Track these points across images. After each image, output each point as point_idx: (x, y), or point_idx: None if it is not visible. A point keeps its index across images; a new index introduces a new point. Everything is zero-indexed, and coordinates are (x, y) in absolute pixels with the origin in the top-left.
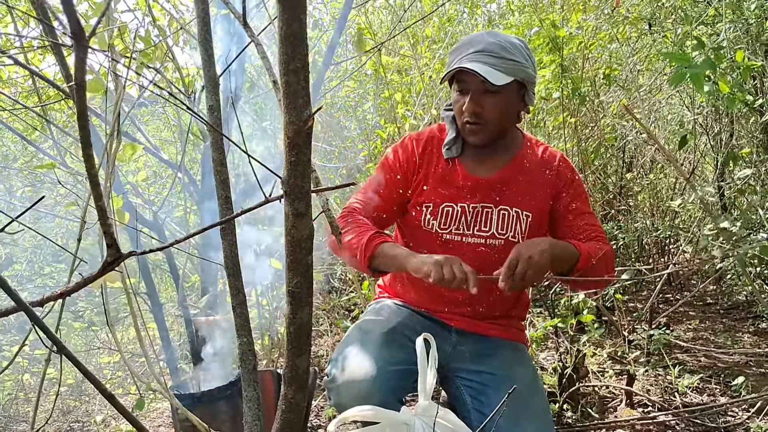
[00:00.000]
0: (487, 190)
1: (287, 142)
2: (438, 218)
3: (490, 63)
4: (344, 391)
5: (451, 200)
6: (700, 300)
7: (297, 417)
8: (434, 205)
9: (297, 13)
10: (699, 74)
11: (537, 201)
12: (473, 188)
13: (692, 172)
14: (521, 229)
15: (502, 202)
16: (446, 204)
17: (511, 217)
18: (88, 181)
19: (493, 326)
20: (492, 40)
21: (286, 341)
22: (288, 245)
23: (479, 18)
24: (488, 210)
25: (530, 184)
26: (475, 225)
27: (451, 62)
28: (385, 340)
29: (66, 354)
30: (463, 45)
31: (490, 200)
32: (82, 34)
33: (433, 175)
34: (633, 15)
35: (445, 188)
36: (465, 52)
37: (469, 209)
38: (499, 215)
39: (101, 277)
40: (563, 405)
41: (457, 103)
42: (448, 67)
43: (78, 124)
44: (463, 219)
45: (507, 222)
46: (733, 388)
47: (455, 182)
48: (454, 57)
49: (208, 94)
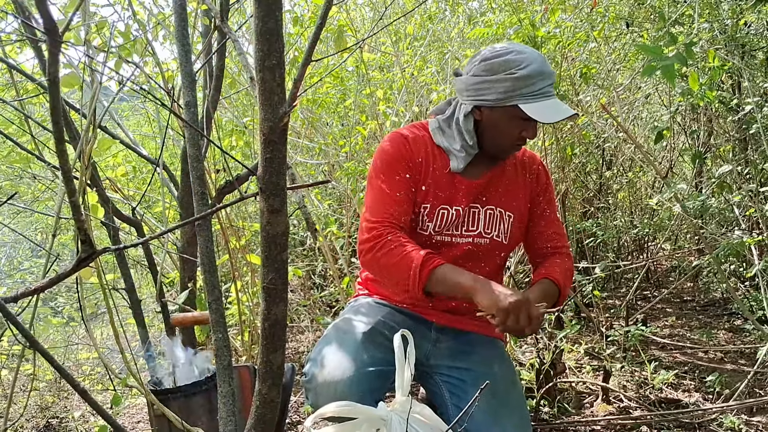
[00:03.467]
0: (476, 193)
1: (263, 138)
2: (434, 221)
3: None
4: (321, 392)
5: (447, 203)
6: (676, 297)
7: (271, 413)
8: (431, 207)
9: (272, 10)
10: (670, 67)
11: (518, 202)
12: (467, 191)
13: (669, 171)
14: (504, 228)
15: (489, 202)
16: (442, 207)
17: (496, 217)
18: (62, 177)
19: (473, 321)
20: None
21: (261, 337)
22: (263, 241)
23: (460, 16)
24: (475, 210)
25: (512, 185)
26: (463, 225)
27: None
28: (364, 340)
29: (38, 350)
30: (535, 74)
31: (478, 201)
32: (55, 30)
33: (432, 176)
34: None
35: (441, 191)
36: (541, 84)
37: (462, 211)
38: (485, 214)
39: (75, 273)
40: (540, 400)
41: (514, 127)
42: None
43: (51, 119)
44: (457, 221)
45: (492, 221)
46: (707, 384)
47: (452, 186)
48: (530, 86)
49: (184, 90)
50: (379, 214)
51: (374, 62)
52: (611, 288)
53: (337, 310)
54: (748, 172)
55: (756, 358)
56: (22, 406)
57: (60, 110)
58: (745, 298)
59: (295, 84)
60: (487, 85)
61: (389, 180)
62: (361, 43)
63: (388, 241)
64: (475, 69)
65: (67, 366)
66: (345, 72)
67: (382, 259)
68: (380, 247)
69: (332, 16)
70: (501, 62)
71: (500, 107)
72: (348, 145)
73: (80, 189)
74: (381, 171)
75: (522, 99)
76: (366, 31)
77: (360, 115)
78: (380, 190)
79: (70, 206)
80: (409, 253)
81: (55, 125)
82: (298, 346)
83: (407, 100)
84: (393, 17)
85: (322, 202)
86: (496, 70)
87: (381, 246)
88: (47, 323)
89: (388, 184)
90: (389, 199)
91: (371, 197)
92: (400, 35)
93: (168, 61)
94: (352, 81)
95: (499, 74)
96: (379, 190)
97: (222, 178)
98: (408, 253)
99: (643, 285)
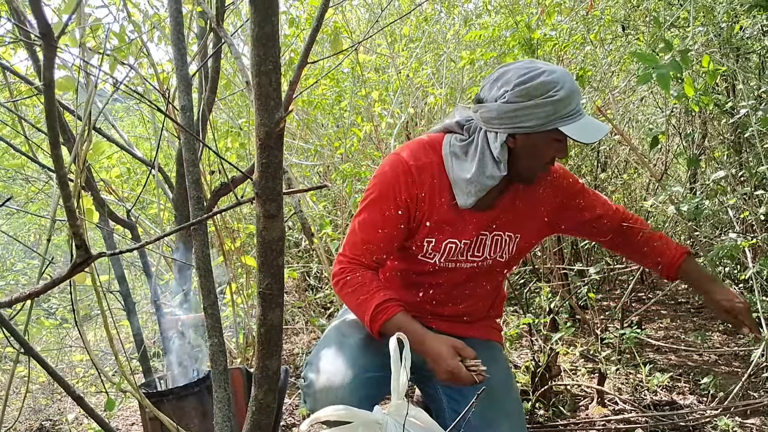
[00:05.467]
0: (487, 223)
1: (259, 143)
2: (441, 252)
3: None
4: (320, 398)
5: (454, 236)
6: (671, 299)
7: (267, 418)
8: (437, 241)
9: (269, 15)
10: (665, 74)
11: (529, 222)
12: (477, 224)
13: (664, 173)
14: (509, 249)
15: (497, 229)
16: (449, 241)
17: (504, 241)
18: (57, 182)
19: (471, 327)
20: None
21: (257, 342)
22: (259, 247)
23: (456, 17)
24: (483, 237)
25: (525, 207)
26: (469, 251)
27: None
28: (363, 345)
29: (33, 355)
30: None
31: (488, 229)
32: (50, 34)
33: (438, 211)
34: (607, 17)
35: (449, 225)
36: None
37: (471, 243)
38: (492, 240)
39: (70, 277)
40: (535, 403)
41: (550, 150)
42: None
43: (46, 124)
44: (464, 250)
45: (498, 246)
46: (701, 387)
47: (461, 219)
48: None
49: (180, 93)
50: (351, 251)
51: (370, 64)
52: (606, 290)
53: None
54: (742, 174)
55: (750, 361)
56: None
57: (55, 115)
58: None
59: (290, 86)
60: (526, 111)
61: (377, 213)
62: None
63: (349, 280)
64: (509, 96)
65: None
66: (341, 73)
67: (345, 297)
68: (344, 284)
69: (328, 18)
70: (537, 86)
71: (539, 132)
72: (343, 147)
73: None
74: (373, 200)
75: (561, 121)
76: (362, 33)
77: (355, 117)
78: (364, 223)
79: (65, 211)
80: (366, 300)
81: (51, 130)
82: (292, 348)
83: (403, 101)
84: (389, 19)
85: (318, 203)
86: (533, 95)
87: (344, 284)
88: (40, 325)
89: (374, 218)
90: (369, 236)
91: (354, 226)
92: (395, 37)
93: (163, 62)
94: (348, 82)
95: (536, 99)
96: (363, 223)
97: (217, 179)
98: (365, 299)
99: (638, 287)
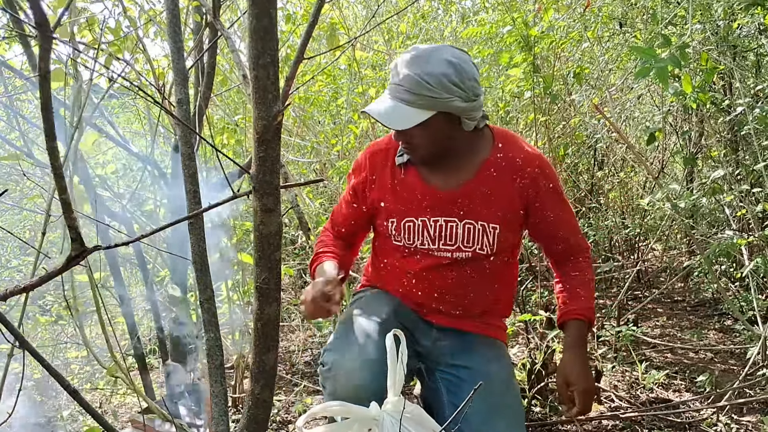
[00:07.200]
0: (448, 205)
1: (256, 137)
2: (401, 233)
3: (406, 99)
4: (341, 380)
5: (411, 215)
6: (667, 297)
7: (264, 413)
8: (396, 221)
9: (266, 8)
10: (664, 69)
11: (504, 211)
12: (432, 202)
13: (661, 171)
14: (489, 241)
15: (467, 216)
16: (407, 219)
17: (478, 231)
18: (53, 174)
19: (474, 323)
20: (411, 72)
21: (254, 337)
22: (256, 241)
23: (453, 15)
24: (452, 224)
25: (497, 194)
26: (440, 239)
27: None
28: (382, 329)
29: (28, 349)
30: (393, 68)
31: (454, 214)
32: (46, 24)
33: (390, 190)
34: (604, 15)
35: (403, 203)
36: (391, 78)
37: (431, 223)
38: (464, 229)
39: (65, 271)
40: (532, 400)
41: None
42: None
43: (42, 116)
44: (426, 233)
45: (473, 235)
46: (697, 384)
47: (413, 195)
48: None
49: (176, 87)
50: (328, 223)
51: (367, 60)
52: (602, 288)
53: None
54: (738, 173)
55: (746, 358)
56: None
57: (51, 106)
58: (736, 299)
59: (287, 82)
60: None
61: (343, 196)
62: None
63: (318, 241)
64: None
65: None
66: (337, 70)
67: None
68: (316, 243)
69: (325, 14)
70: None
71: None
72: (340, 144)
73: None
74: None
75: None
76: (358, 29)
77: (352, 114)
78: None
79: (61, 204)
80: (316, 253)
81: (46, 122)
82: (288, 345)
83: None
84: (386, 15)
85: (314, 200)
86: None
87: (316, 243)
88: (35, 321)
89: (341, 200)
90: (334, 213)
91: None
92: (392, 33)
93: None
94: (345, 79)
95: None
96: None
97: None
98: (317, 253)
99: (634, 285)
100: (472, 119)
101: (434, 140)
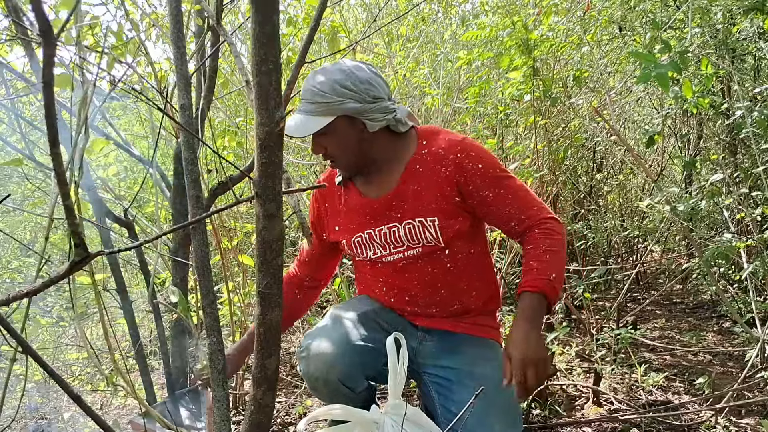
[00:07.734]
0: (385, 211)
1: (259, 143)
2: (356, 249)
3: (308, 110)
4: (313, 360)
5: (358, 231)
6: (666, 299)
7: (266, 418)
8: (347, 240)
9: (270, 15)
10: (664, 74)
11: (438, 202)
12: (372, 213)
13: (660, 174)
14: (432, 234)
15: (405, 217)
16: (356, 236)
17: (418, 227)
18: (56, 180)
19: (461, 324)
20: (308, 86)
21: (256, 342)
22: (258, 246)
23: (453, 18)
24: (395, 229)
25: (426, 188)
26: (389, 245)
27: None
28: (358, 321)
29: (31, 354)
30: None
31: (393, 219)
32: (50, 32)
33: (340, 212)
34: (604, 18)
35: (351, 221)
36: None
37: (375, 233)
38: (405, 230)
39: (68, 276)
40: (531, 403)
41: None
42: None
43: (45, 122)
44: (375, 243)
45: (415, 233)
46: (696, 387)
47: (355, 211)
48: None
49: (179, 92)
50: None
51: None
52: (601, 290)
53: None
54: (737, 175)
55: (745, 361)
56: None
57: (54, 113)
58: (734, 301)
59: (288, 85)
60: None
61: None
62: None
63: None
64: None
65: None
66: None
67: None
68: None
69: (326, 17)
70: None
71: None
72: None
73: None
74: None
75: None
76: (359, 32)
77: None
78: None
79: (65, 209)
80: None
81: (50, 128)
82: (289, 347)
83: (400, 101)
84: (386, 19)
85: None
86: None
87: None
88: (36, 323)
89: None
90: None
91: None
92: (393, 37)
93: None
94: None
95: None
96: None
97: (214, 178)
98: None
99: (633, 287)
100: (375, 120)
101: (346, 145)
